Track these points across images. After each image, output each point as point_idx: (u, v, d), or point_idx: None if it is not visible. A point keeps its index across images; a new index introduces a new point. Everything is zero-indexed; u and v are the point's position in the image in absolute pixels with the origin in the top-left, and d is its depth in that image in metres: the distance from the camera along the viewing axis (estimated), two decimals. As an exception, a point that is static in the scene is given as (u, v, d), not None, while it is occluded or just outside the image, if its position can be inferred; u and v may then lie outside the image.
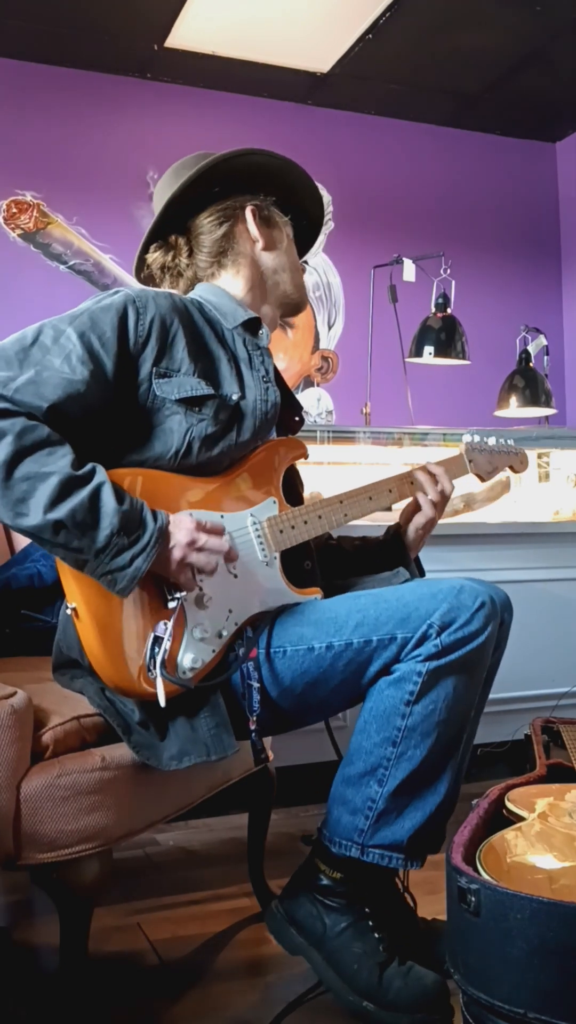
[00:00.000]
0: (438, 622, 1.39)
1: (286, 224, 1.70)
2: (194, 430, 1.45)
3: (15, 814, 1.28)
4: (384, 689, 1.42)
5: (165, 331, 1.46)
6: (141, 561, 1.31)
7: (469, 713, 1.46)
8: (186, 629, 1.39)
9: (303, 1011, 1.46)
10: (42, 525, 1.27)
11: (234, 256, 1.64)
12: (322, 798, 1.51)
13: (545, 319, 4.18)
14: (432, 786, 1.43)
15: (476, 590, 1.43)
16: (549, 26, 3.38)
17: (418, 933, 1.57)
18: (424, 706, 1.40)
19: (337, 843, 1.46)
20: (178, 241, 1.65)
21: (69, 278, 3.58)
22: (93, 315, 1.42)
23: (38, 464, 1.28)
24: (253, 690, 1.42)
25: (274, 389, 1.57)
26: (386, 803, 1.42)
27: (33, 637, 1.93)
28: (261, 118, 3.87)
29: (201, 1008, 1.49)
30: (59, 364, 1.36)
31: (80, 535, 1.29)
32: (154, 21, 3.33)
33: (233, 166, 1.61)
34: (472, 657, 1.41)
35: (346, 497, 1.60)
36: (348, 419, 3.45)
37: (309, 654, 1.43)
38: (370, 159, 4.05)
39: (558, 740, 1.86)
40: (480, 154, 4.26)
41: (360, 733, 1.45)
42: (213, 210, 1.63)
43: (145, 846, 2.22)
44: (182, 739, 1.39)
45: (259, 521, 1.51)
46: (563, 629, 2.69)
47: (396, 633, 1.41)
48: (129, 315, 1.43)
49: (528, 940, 1.11)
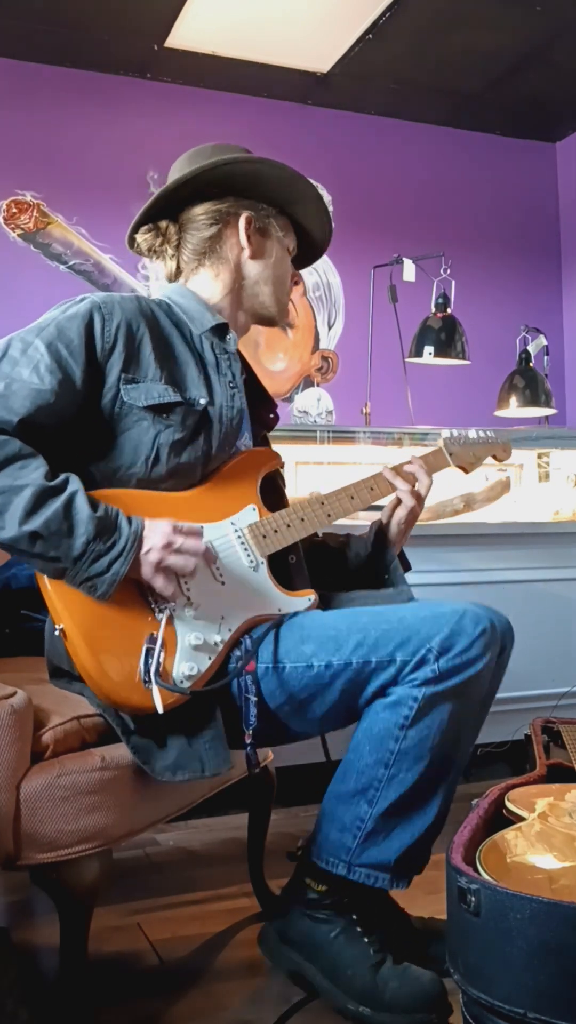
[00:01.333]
0: (437, 647, 1.39)
1: (285, 237, 1.68)
2: (162, 436, 1.45)
3: (15, 814, 1.28)
4: (380, 711, 1.42)
5: (132, 336, 1.47)
6: (119, 565, 1.32)
7: (462, 739, 1.46)
8: (179, 638, 1.39)
9: (304, 1011, 1.46)
10: (18, 536, 1.29)
11: (216, 259, 1.63)
12: (322, 798, 1.51)
13: (545, 319, 4.18)
14: (421, 809, 1.43)
15: (478, 616, 1.42)
16: (549, 26, 3.38)
17: (413, 932, 1.57)
18: (419, 731, 1.40)
19: (325, 859, 1.46)
20: (168, 229, 1.64)
21: (69, 278, 3.58)
22: (60, 324, 1.43)
23: (11, 478, 1.30)
24: (250, 703, 1.42)
25: (240, 396, 1.57)
26: (375, 824, 1.42)
27: (33, 637, 1.92)
28: (261, 118, 3.87)
29: (201, 1008, 1.49)
30: (28, 375, 1.37)
31: (56, 544, 1.30)
32: (154, 21, 3.33)
33: (235, 171, 1.60)
34: (469, 684, 1.41)
35: (327, 498, 1.60)
36: (348, 419, 3.45)
37: (308, 671, 1.43)
38: (370, 159, 4.04)
39: (558, 740, 1.86)
40: (480, 154, 4.25)
41: (353, 752, 1.45)
42: (208, 208, 1.61)
43: (145, 846, 2.22)
44: (178, 751, 1.39)
45: (240, 528, 1.51)
46: (563, 629, 2.69)
47: (395, 655, 1.40)
48: (95, 321, 1.44)
49: (528, 940, 1.11)
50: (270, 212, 1.66)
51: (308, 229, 1.72)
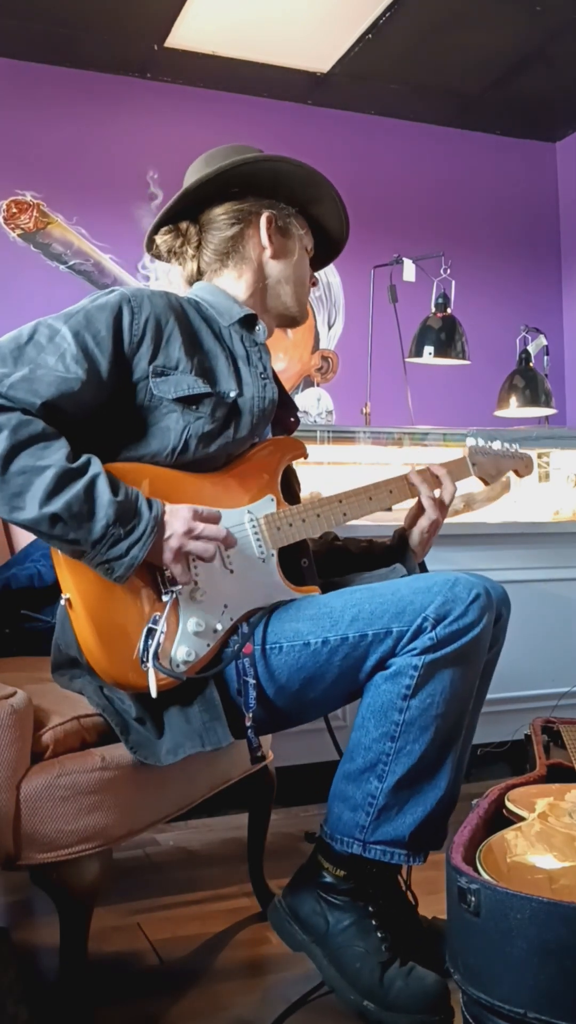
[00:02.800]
0: (433, 615, 1.39)
1: (304, 236, 1.68)
2: (191, 428, 1.45)
3: (15, 814, 1.28)
4: (381, 684, 1.42)
5: (160, 330, 1.46)
6: (137, 550, 1.32)
7: (467, 706, 1.46)
8: (181, 622, 1.40)
9: (304, 1011, 1.46)
10: (38, 518, 1.29)
11: (239, 259, 1.63)
12: (322, 798, 1.52)
13: (545, 319, 4.18)
14: (432, 780, 1.43)
15: (471, 582, 1.43)
16: (549, 26, 3.38)
17: (420, 932, 1.57)
18: (421, 700, 1.40)
19: (339, 840, 1.45)
20: (188, 230, 1.64)
21: (69, 278, 3.58)
22: (88, 314, 1.42)
23: (34, 458, 1.29)
24: (249, 686, 1.42)
25: (272, 386, 1.57)
26: (387, 799, 1.42)
27: (33, 637, 1.93)
28: (261, 118, 3.87)
29: (201, 1008, 1.49)
30: (53, 362, 1.36)
31: (76, 527, 1.29)
32: (154, 21, 3.33)
33: (256, 170, 1.60)
34: (468, 649, 1.41)
35: (345, 497, 1.60)
36: (348, 419, 3.45)
37: (305, 649, 1.43)
38: (370, 159, 4.04)
39: (558, 740, 1.86)
40: (480, 154, 4.26)
41: (359, 729, 1.45)
42: (229, 208, 1.62)
43: (145, 846, 2.22)
44: (176, 733, 1.39)
45: (256, 518, 1.51)
46: (563, 629, 2.69)
47: (391, 627, 1.40)
48: (124, 314, 1.44)
49: (528, 940, 1.11)
50: (290, 211, 1.66)
51: (327, 228, 1.72)
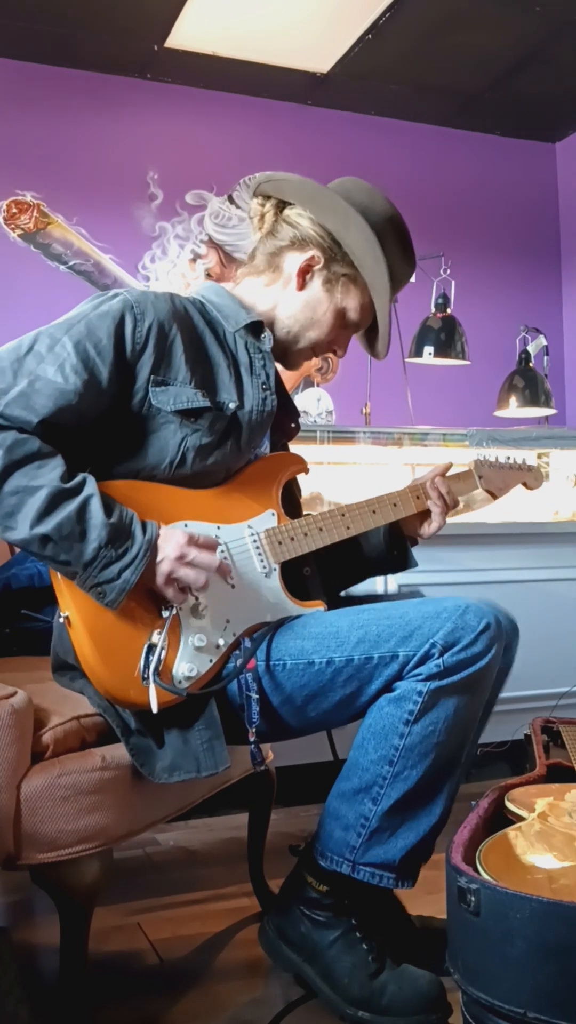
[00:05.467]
0: (441, 642, 1.37)
1: (345, 299, 1.60)
2: (189, 440, 1.43)
3: (15, 814, 1.28)
4: (384, 707, 1.41)
5: (163, 337, 1.44)
6: (129, 574, 1.31)
7: (469, 735, 1.45)
8: (183, 638, 1.39)
9: (303, 1011, 1.46)
10: (29, 539, 1.28)
11: (276, 271, 1.59)
12: (322, 798, 1.51)
13: (545, 319, 4.18)
14: (427, 807, 1.42)
15: (481, 611, 1.40)
16: (549, 26, 3.37)
17: (412, 932, 1.57)
18: (423, 726, 1.39)
19: (328, 857, 1.45)
20: (271, 211, 1.60)
21: (69, 278, 3.58)
22: (90, 322, 1.40)
23: (27, 478, 1.28)
24: (252, 701, 1.40)
25: (272, 397, 1.54)
26: (379, 822, 1.41)
27: (33, 637, 1.93)
28: (261, 118, 3.87)
29: (201, 1008, 1.49)
30: (52, 373, 1.35)
31: (68, 548, 1.29)
32: (154, 21, 3.33)
33: (354, 237, 1.56)
34: (474, 679, 1.39)
35: (348, 510, 1.57)
36: (348, 419, 3.44)
37: (309, 668, 1.41)
38: (370, 159, 4.04)
39: (558, 740, 1.86)
40: (480, 154, 4.25)
41: (357, 749, 1.44)
42: (301, 224, 1.57)
43: (145, 846, 2.22)
44: (175, 751, 1.38)
45: (257, 533, 1.49)
46: (563, 629, 2.69)
47: (398, 651, 1.39)
48: (126, 322, 1.41)
49: (528, 940, 1.11)
50: (350, 275, 1.59)
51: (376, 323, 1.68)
